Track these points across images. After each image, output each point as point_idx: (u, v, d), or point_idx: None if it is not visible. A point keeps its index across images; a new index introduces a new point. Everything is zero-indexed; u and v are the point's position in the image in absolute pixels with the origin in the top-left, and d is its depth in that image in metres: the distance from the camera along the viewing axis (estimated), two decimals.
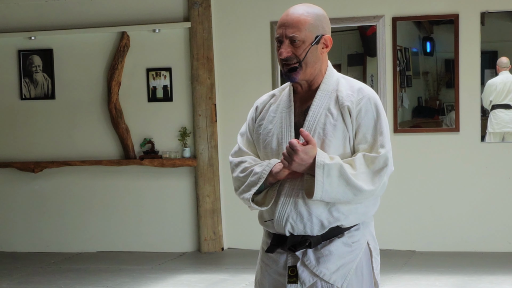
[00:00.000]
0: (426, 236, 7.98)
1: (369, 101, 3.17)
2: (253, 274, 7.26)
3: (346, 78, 3.27)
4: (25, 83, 8.70)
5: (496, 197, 7.88)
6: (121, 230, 8.64)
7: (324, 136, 3.14)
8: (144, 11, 8.37)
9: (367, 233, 3.26)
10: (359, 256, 3.21)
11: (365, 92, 3.19)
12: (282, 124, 3.23)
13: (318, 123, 3.16)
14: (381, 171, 3.11)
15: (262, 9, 8.16)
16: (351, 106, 3.15)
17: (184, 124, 8.39)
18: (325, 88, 3.21)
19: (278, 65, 7.99)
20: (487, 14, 7.77)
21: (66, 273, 7.69)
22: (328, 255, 3.15)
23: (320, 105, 3.18)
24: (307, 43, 3.14)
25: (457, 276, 7.02)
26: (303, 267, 3.17)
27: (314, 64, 3.18)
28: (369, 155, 3.11)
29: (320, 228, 3.14)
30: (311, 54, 3.15)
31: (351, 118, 3.15)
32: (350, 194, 3.08)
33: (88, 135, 8.63)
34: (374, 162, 3.10)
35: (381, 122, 3.17)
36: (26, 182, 8.80)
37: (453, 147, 7.90)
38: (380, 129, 3.15)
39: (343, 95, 3.18)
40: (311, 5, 3.20)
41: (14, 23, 8.68)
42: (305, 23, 3.13)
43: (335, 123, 3.15)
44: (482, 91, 7.82)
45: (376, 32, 7.86)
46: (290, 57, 3.15)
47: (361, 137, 3.15)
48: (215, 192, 8.34)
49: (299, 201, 3.14)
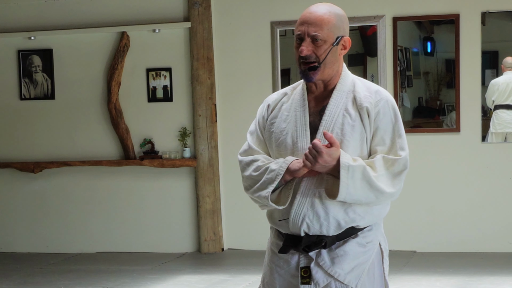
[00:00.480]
0: (426, 236, 7.97)
1: (387, 103, 3.18)
2: (253, 274, 7.36)
3: (361, 80, 3.27)
4: (24, 83, 8.69)
5: (497, 198, 7.87)
6: (121, 231, 8.62)
7: (342, 136, 3.14)
8: (144, 11, 8.36)
9: (379, 234, 3.27)
10: (372, 256, 3.21)
11: (383, 94, 3.20)
12: (297, 123, 3.21)
13: (335, 123, 3.15)
14: (401, 173, 3.13)
15: (263, 9, 8.15)
16: (370, 107, 3.15)
17: (184, 124, 8.39)
18: (341, 88, 3.20)
19: (278, 65, 8.07)
20: (487, 14, 7.76)
21: (66, 274, 7.68)
22: (343, 255, 3.15)
23: (337, 105, 3.18)
24: (329, 43, 3.13)
25: (458, 277, 7.01)
26: (317, 267, 3.16)
27: (332, 65, 3.17)
28: (388, 157, 3.12)
29: (337, 228, 3.14)
30: (331, 54, 3.14)
31: (369, 120, 3.15)
32: (373, 196, 3.09)
33: (88, 135, 8.62)
34: (394, 164, 3.11)
35: (399, 124, 3.19)
36: (26, 182, 8.79)
37: (453, 147, 7.89)
38: (398, 132, 3.17)
39: (361, 96, 3.17)
40: (332, 5, 3.19)
41: (14, 23, 8.67)
42: (328, 23, 3.12)
43: (353, 124, 3.15)
44: (485, 91, 7.81)
45: (376, 32, 7.86)
46: (310, 55, 3.12)
47: (379, 139, 3.16)
48: (215, 193, 8.33)
49: (316, 200, 3.13)
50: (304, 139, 3.18)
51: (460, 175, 7.91)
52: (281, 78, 8.10)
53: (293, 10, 7.90)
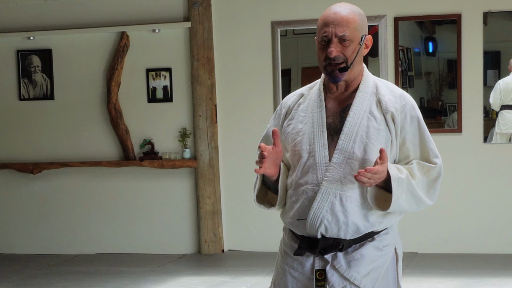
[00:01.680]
0: (428, 237, 7.96)
1: (413, 109, 3.17)
2: (254, 276, 7.35)
3: (382, 81, 3.24)
4: (23, 83, 8.68)
5: (499, 199, 7.86)
6: (120, 232, 8.61)
7: (368, 139, 3.11)
8: (143, 11, 8.35)
9: (395, 237, 3.24)
10: (388, 260, 3.19)
11: (408, 99, 3.19)
12: (314, 124, 3.19)
13: (360, 126, 3.12)
14: (436, 181, 3.15)
15: (263, 9, 8.13)
16: (395, 112, 3.13)
17: (184, 125, 8.37)
18: (364, 89, 3.17)
19: (279, 65, 8.06)
20: (489, 14, 7.74)
21: (65, 275, 7.67)
22: (360, 259, 3.13)
23: (360, 107, 3.15)
24: (356, 42, 3.10)
25: (459, 278, 7.00)
26: (333, 270, 3.14)
27: (358, 64, 3.15)
28: (424, 164, 3.12)
29: (355, 232, 3.13)
30: (358, 54, 3.11)
31: (395, 125, 3.13)
32: (415, 205, 3.12)
33: (87, 136, 8.61)
34: (430, 171, 3.12)
35: (426, 129, 3.19)
36: (25, 183, 8.77)
37: (455, 148, 7.87)
38: (428, 138, 3.17)
39: (386, 99, 3.15)
40: (352, 5, 3.17)
41: (13, 23, 8.65)
42: (354, 22, 3.09)
43: (378, 127, 3.12)
44: (487, 92, 7.80)
45: (377, 32, 7.83)
46: (339, 56, 3.09)
47: (409, 145, 3.14)
48: (215, 194, 8.31)
49: (336, 203, 3.11)
50: (321, 140, 3.16)
51: (462, 176, 7.90)
52: (282, 79, 8.08)
53: (294, 10, 7.89)
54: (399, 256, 3.25)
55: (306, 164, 3.17)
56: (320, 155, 3.14)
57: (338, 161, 3.11)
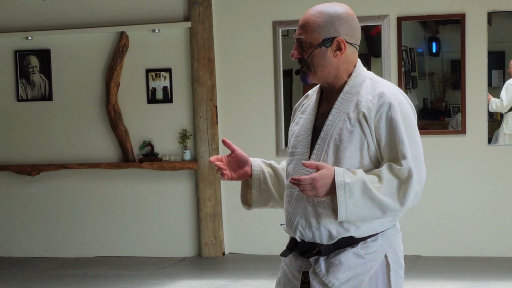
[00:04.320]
0: (431, 240, 7.95)
1: (390, 108, 3.03)
2: (255, 279, 7.40)
3: (373, 80, 3.15)
4: (21, 84, 8.69)
5: (504, 201, 7.84)
6: (120, 235, 8.62)
7: (339, 142, 3.06)
8: (143, 10, 8.36)
9: (386, 245, 3.14)
10: (374, 268, 3.11)
11: (386, 98, 3.05)
12: (303, 126, 3.20)
13: (335, 129, 3.08)
14: (407, 183, 2.99)
15: (264, 8, 8.14)
16: (367, 113, 3.03)
17: (185, 126, 8.36)
18: (348, 90, 3.12)
19: (280, 66, 8.13)
20: (494, 14, 7.74)
21: (63, 279, 7.67)
22: (338, 264, 3.08)
23: (340, 109, 3.10)
24: (313, 45, 3.06)
25: (463, 282, 7.00)
26: (314, 274, 3.12)
27: (323, 68, 3.09)
28: (394, 166, 3.00)
29: (329, 238, 3.09)
30: (316, 57, 3.07)
31: (368, 125, 3.03)
32: (378, 211, 2.99)
33: (86, 137, 8.61)
34: (399, 173, 2.99)
35: (400, 130, 3.02)
36: (23, 185, 8.78)
37: (459, 149, 7.89)
38: (401, 138, 3.01)
39: (362, 99, 3.07)
40: (332, 4, 3.12)
41: (11, 23, 8.66)
42: (312, 25, 3.06)
43: (351, 129, 3.05)
44: (491, 92, 7.80)
45: (380, 32, 7.84)
46: (299, 59, 3.10)
47: (383, 147, 3.05)
48: (216, 196, 8.32)
49: (309, 209, 3.09)
50: (304, 143, 3.15)
51: (466, 178, 7.90)
52: (283, 79, 8.09)
53: (295, 10, 7.91)
54: (393, 264, 3.14)
55: (290, 166, 3.20)
56: (300, 159, 3.14)
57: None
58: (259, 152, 8.09)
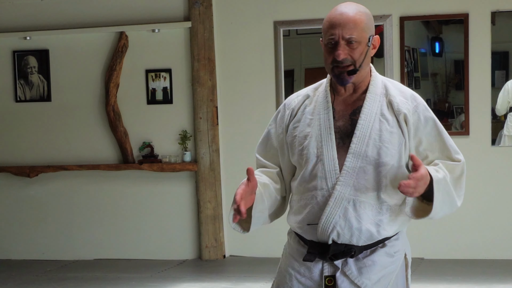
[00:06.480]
0: (434, 243, 7.94)
1: (426, 109, 3.16)
2: (256, 282, 7.34)
3: (390, 81, 3.23)
4: (20, 84, 8.68)
5: (507, 203, 7.83)
6: (119, 237, 8.61)
7: (381, 143, 3.09)
8: (143, 10, 8.35)
9: (405, 243, 3.24)
10: (399, 267, 3.17)
11: (419, 100, 3.17)
12: (321, 127, 3.15)
13: (373, 129, 3.10)
14: (461, 178, 3.14)
15: (266, 8, 8.13)
16: (408, 114, 3.11)
17: (185, 127, 8.35)
18: (374, 91, 3.15)
19: (281, 66, 8.07)
20: (497, 14, 7.73)
21: (62, 282, 7.66)
22: (371, 265, 3.11)
23: (371, 109, 3.12)
24: (363, 44, 3.08)
25: (466, 284, 7.00)
26: (344, 277, 3.12)
27: (366, 66, 3.14)
28: (448, 163, 3.10)
29: (368, 239, 3.11)
30: (367, 56, 3.10)
31: (408, 126, 3.11)
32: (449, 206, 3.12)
33: (85, 138, 8.60)
34: (455, 169, 3.11)
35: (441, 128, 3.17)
36: (21, 187, 8.77)
37: (462, 151, 7.54)
38: (446, 136, 3.17)
39: (397, 101, 3.13)
40: (358, 4, 3.14)
41: (9, 23, 8.65)
42: (361, 23, 3.07)
43: (391, 130, 3.10)
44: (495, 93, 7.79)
45: (383, 32, 7.84)
46: (347, 59, 3.07)
47: (427, 146, 3.13)
48: (216, 198, 8.32)
49: (349, 209, 3.08)
50: (330, 143, 3.12)
51: (469, 180, 7.68)
52: (285, 80, 8.08)
53: (297, 10, 7.91)
54: (409, 262, 3.24)
55: (315, 168, 3.14)
56: (329, 159, 3.11)
57: (352, 165, 3.09)
58: None
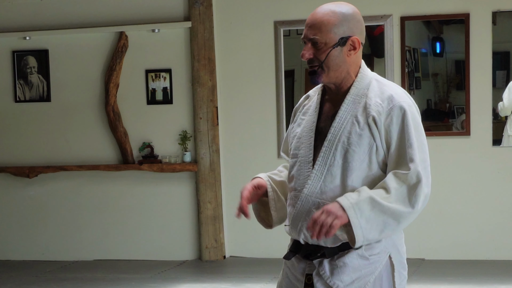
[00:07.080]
0: (435, 243, 7.93)
1: (400, 111, 3.04)
2: (256, 283, 7.39)
3: (379, 81, 3.15)
4: (19, 85, 8.67)
5: (508, 204, 7.82)
6: (119, 238, 8.60)
7: (348, 145, 3.06)
8: (143, 10, 8.35)
9: (390, 246, 3.14)
10: (379, 269, 3.11)
11: (395, 101, 3.06)
12: (305, 128, 3.18)
13: (343, 131, 3.07)
14: (416, 188, 2.98)
15: (266, 8, 8.13)
16: (377, 117, 3.04)
17: (185, 127, 8.34)
18: (355, 92, 3.12)
19: (282, 66, 8.09)
20: (499, 14, 7.72)
21: (62, 282, 7.66)
22: (343, 266, 3.09)
23: (348, 111, 3.10)
24: (329, 45, 3.05)
25: (468, 285, 7.00)
26: (318, 277, 3.12)
27: (338, 67, 3.09)
28: (400, 173, 2.99)
29: (334, 241, 3.08)
30: (333, 57, 3.07)
31: (378, 129, 3.04)
32: (392, 221, 2.98)
33: (85, 139, 8.59)
34: (407, 179, 2.98)
35: (410, 133, 3.03)
36: (21, 187, 8.76)
37: (463, 151, 7.89)
38: (409, 141, 3.02)
39: (371, 102, 3.07)
40: (340, 4, 3.11)
41: (8, 23, 8.64)
42: (327, 24, 3.06)
43: (361, 133, 3.05)
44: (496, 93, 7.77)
45: (383, 32, 7.84)
46: (312, 59, 3.09)
47: (392, 152, 3.05)
48: (216, 198, 8.30)
49: (314, 211, 3.07)
50: (307, 145, 3.15)
51: (470, 180, 7.91)
52: (285, 80, 8.07)
53: (297, 10, 7.92)
54: (397, 265, 3.14)
55: (293, 169, 3.19)
56: (304, 161, 3.14)
57: (320, 168, 3.09)
58: (260, 154, 8.04)
